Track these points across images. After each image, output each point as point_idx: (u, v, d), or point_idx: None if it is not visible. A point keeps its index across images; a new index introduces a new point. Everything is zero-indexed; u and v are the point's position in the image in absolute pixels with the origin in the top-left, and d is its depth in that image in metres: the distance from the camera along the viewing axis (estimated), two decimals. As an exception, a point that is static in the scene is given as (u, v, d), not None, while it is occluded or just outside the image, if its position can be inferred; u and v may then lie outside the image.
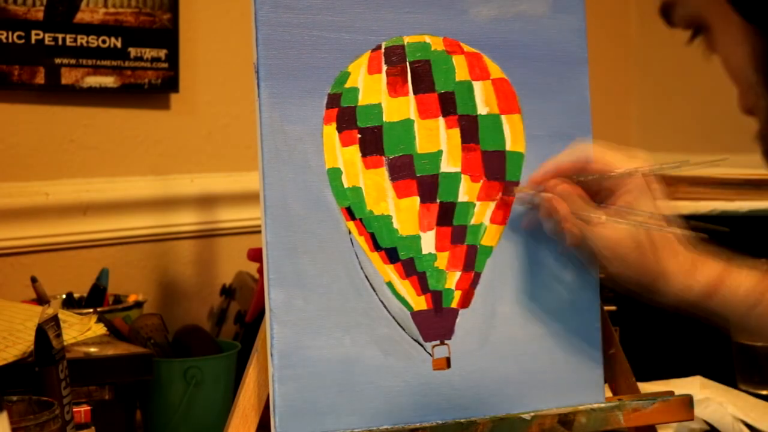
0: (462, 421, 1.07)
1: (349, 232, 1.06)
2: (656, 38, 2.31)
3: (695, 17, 0.83)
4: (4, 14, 1.46)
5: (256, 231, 1.08)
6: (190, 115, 1.66)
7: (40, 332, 1.07)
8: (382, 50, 1.07)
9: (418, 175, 1.07)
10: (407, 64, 1.08)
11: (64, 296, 1.47)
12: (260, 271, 1.48)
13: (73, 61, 1.52)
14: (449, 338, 1.08)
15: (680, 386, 1.34)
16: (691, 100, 2.27)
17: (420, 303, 1.07)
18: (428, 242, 1.07)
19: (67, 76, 1.52)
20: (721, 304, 1.04)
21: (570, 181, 1.07)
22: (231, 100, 1.69)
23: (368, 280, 1.06)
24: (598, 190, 1.08)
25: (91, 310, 1.37)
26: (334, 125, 1.05)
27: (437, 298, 1.08)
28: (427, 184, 1.07)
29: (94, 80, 1.54)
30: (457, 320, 1.09)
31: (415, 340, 1.07)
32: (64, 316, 1.27)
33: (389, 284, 1.06)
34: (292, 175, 1.04)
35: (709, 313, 1.05)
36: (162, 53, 1.59)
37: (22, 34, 1.48)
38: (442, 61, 1.09)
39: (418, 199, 1.07)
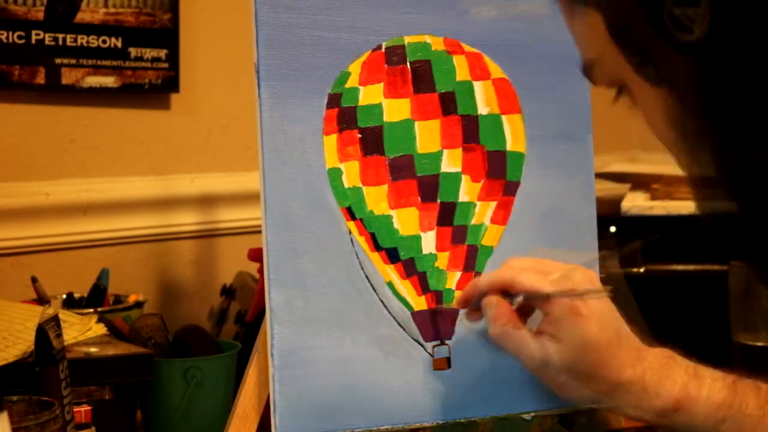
0: (462, 421, 1.07)
1: (350, 232, 1.06)
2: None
3: (613, 77, 0.83)
4: (4, 14, 1.46)
5: (256, 231, 1.08)
6: (190, 115, 1.66)
7: (41, 332, 1.06)
8: (383, 50, 1.07)
9: (418, 175, 1.07)
10: (408, 64, 1.08)
11: (64, 296, 1.46)
12: (260, 271, 1.48)
13: (73, 61, 1.51)
14: (449, 338, 1.08)
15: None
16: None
17: (420, 303, 1.07)
18: (429, 242, 1.07)
19: (68, 76, 1.52)
20: (685, 421, 0.96)
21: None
22: (231, 100, 1.69)
23: (368, 280, 1.06)
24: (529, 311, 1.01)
25: (92, 310, 1.37)
26: (334, 125, 1.05)
27: (438, 298, 1.08)
28: (427, 184, 1.07)
29: (94, 80, 1.54)
30: (458, 320, 1.09)
31: (416, 340, 1.07)
32: (65, 316, 1.27)
33: (390, 284, 1.06)
34: (293, 175, 1.04)
35: (670, 428, 0.97)
36: (162, 53, 1.59)
37: (23, 34, 1.48)
38: (443, 61, 1.09)
39: (418, 199, 1.07)
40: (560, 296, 0.96)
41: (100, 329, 1.28)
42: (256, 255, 1.48)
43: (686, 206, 1.63)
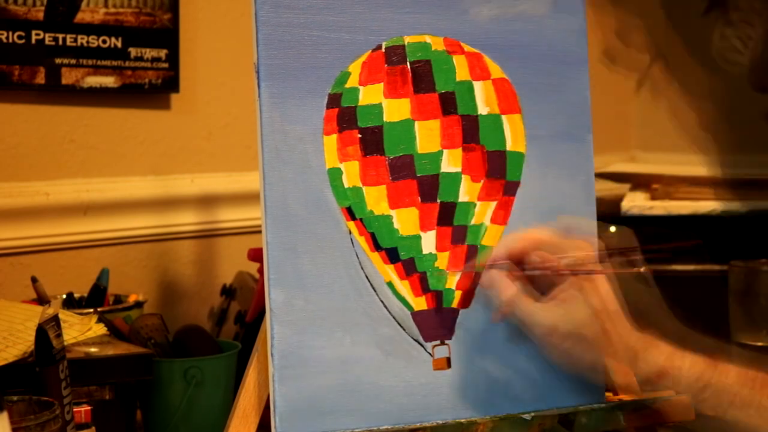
0: (462, 421, 1.07)
1: (350, 232, 1.06)
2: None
3: None
4: (4, 14, 1.46)
5: (256, 231, 1.08)
6: (190, 115, 1.66)
7: (41, 332, 1.07)
8: (383, 50, 1.07)
9: (418, 175, 1.07)
10: (408, 64, 1.08)
11: (64, 296, 1.46)
12: (260, 271, 1.48)
13: (73, 61, 1.52)
14: (449, 338, 1.08)
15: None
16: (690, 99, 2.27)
17: (420, 303, 1.07)
18: (429, 242, 1.07)
19: (68, 76, 1.52)
20: (670, 388, 1.06)
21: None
22: (231, 100, 1.69)
23: (368, 280, 1.06)
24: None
25: (92, 310, 1.37)
26: (334, 125, 1.05)
27: (438, 298, 1.08)
28: (427, 184, 1.07)
29: (94, 80, 1.54)
30: (458, 320, 1.09)
31: (416, 340, 1.07)
32: (65, 316, 1.27)
33: (390, 284, 1.07)
34: (292, 175, 1.04)
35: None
36: (162, 53, 1.59)
37: (23, 34, 1.48)
38: (443, 61, 1.09)
39: (418, 199, 1.07)
40: (571, 272, 1.04)
41: (100, 329, 1.28)
42: (256, 255, 1.48)
43: (686, 206, 1.63)
